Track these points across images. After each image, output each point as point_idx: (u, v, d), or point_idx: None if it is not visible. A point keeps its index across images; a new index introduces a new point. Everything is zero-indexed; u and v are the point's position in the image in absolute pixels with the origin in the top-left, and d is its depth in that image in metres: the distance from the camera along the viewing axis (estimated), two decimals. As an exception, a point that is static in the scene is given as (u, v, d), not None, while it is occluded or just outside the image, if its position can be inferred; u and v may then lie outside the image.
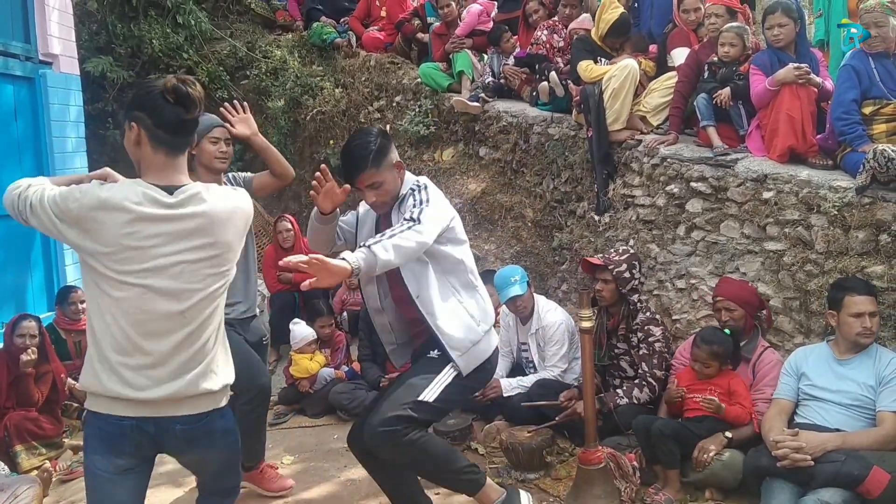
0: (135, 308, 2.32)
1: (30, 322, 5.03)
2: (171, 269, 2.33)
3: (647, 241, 5.13)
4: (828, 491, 3.26)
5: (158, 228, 2.31)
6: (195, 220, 2.36)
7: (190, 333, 2.38)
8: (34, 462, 4.73)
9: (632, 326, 4.58)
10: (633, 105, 5.42)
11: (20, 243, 6.28)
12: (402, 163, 3.30)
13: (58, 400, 5.14)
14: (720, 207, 4.69)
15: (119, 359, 2.32)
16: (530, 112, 6.40)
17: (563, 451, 4.57)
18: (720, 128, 4.90)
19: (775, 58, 4.70)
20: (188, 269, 2.36)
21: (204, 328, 2.42)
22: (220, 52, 8.84)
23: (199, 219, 2.37)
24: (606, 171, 5.48)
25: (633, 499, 3.93)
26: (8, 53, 6.15)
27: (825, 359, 3.72)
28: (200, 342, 2.41)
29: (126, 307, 2.32)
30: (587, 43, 5.69)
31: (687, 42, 5.53)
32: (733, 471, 3.79)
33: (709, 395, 4.00)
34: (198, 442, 2.45)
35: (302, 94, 8.25)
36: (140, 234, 2.29)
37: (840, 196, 4.10)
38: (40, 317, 5.40)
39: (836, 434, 3.47)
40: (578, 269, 5.68)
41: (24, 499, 3.91)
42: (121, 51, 8.43)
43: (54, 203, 2.29)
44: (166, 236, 2.32)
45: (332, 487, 4.27)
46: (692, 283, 4.83)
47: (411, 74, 7.74)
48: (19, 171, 6.27)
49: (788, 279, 4.30)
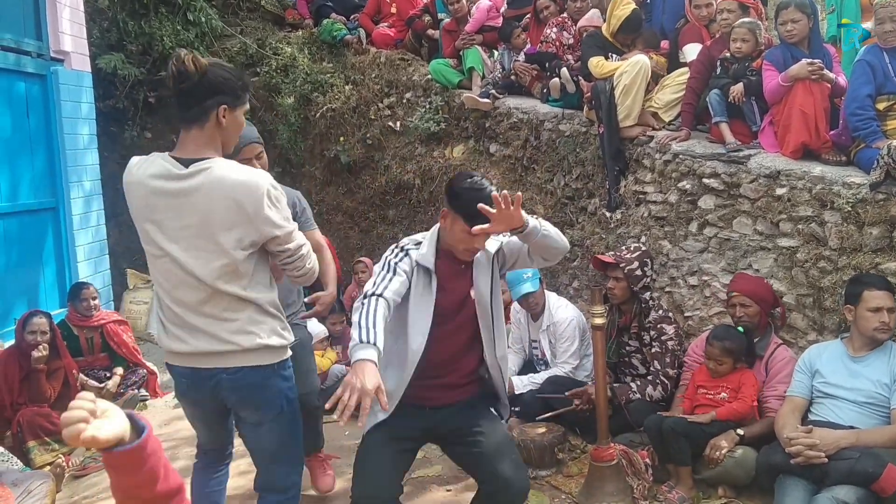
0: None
1: (40, 318, 5.05)
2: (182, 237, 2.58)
3: (659, 237, 5.11)
4: (842, 488, 3.24)
5: (167, 201, 2.55)
6: (200, 189, 2.53)
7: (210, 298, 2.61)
8: (47, 458, 4.75)
9: (644, 324, 4.56)
10: (644, 101, 5.40)
11: (32, 240, 6.31)
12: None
13: (70, 396, 5.14)
14: (733, 204, 4.67)
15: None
16: (541, 108, 6.38)
17: (574, 448, 4.56)
18: (733, 124, 4.88)
19: (788, 53, 4.68)
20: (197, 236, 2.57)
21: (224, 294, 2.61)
22: (230, 49, 8.84)
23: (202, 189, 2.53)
24: (618, 168, 5.47)
25: (646, 496, 3.92)
26: (20, 50, 6.18)
27: (839, 356, 3.70)
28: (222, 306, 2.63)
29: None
30: (598, 39, 5.68)
31: (699, 38, 5.51)
32: (746, 468, 3.78)
33: (721, 392, 4.00)
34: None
35: (312, 91, 8.25)
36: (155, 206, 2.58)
37: (854, 192, 4.08)
38: (52, 313, 5.42)
39: (851, 431, 3.46)
40: (589, 265, 5.67)
41: (38, 494, 3.92)
42: (132, 48, 8.44)
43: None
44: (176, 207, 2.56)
45: (344, 483, 4.27)
46: (704, 279, 4.82)
47: (421, 71, 7.74)
48: (31, 168, 6.30)
49: (802, 276, 4.28)
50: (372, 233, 8.07)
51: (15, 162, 6.11)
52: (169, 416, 5.58)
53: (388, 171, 7.72)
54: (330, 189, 8.39)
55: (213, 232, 2.54)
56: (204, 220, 2.53)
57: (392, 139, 7.78)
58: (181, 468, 4.09)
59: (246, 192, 2.51)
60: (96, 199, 7.04)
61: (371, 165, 7.96)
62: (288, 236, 2.62)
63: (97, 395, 5.70)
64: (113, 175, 8.50)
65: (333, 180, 8.31)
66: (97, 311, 5.76)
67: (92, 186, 6.99)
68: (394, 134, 7.76)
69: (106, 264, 7.15)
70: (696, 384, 4.17)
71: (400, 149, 7.68)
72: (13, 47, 6.10)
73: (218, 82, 2.55)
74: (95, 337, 5.76)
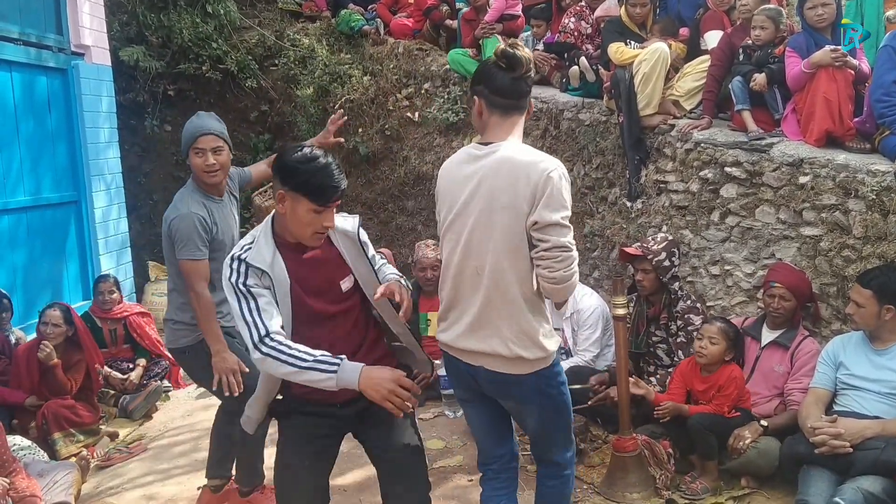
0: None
1: (54, 311, 5.05)
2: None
3: (681, 227, 5.08)
4: (867, 479, 3.22)
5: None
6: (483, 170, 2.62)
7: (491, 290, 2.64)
8: (72, 449, 4.80)
9: (673, 314, 4.53)
10: (665, 89, 5.36)
11: (55, 233, 6.36)
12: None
13: (91, 388, 5.19)
14: (755, 192, 4.62)
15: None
16: (560, 98, 6.35)
17: (596, 439, 4.55)
18: (755, 111, 4.83)
19: (811, 40, 4.62)
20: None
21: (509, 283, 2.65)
22: (248, 41, 8.86)
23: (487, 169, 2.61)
24: (638, 157, 5.43)
25: (668, 486, 3.91)
26: (41, 45, 6.22)
27: (863, 348, 3.67)
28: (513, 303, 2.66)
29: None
30: (618, 25, 5.65)
31: (720, 25, 5.47)
32: (769, 458, 3.76)
33: (711, 393, 3.99)
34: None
35: (330, 83, 8.25)
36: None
37: (878, 180, 4.03)
38: (75, 306, 5.46)
39: (876, 421, 3.43)
40: (610, 255, 5.65)
41: (63, 484, 3.96)
42: (153, 40, 8.48)
43: None
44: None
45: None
46: (727, 269, 4.78)
47: (440, 61, 7.72)
48: (53, 162, 6.34)
49: (825, 265, 4.24)
50: (391, 224, 8.08)
51: (37, 156, 6.16)
52: (191, 407, 5.63)
53: (407, 163, 7.72)
54: (349, 180, 8.30)
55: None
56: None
57: (411, 130, 7.78)
58: (204, 459, 4.13)
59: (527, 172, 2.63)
60: (118, 192, 7.09)
61: (390, 156, 7.96)
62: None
63: (120, 386, 5.76)
64: (133, 168, 8.62)
65: (352, 171, 8.32)
66: (117, 305, 5.80)
67: (113, 180, 7.03)
68: (412, 125, 7.76)
69: (128, 256, 7.21)
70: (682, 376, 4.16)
71: (418, 140, 7.68)
72: (34, 42, 6.13)
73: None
74: (118, 329, 5.80)
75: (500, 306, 2.64)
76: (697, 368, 4.08)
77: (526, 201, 2.54)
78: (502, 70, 2.63)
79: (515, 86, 2.65)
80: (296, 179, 2.48)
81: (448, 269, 2.77)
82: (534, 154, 2.61)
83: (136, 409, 5.47)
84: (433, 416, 5.04)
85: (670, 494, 3.88)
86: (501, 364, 2.67)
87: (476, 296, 2.66)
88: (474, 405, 2.93)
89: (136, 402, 5.48)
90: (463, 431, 4.73)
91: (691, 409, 3.96)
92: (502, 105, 2.66)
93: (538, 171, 2.53)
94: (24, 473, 3.78)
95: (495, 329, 2.65)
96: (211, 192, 3.61)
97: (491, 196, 2.59)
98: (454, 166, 2.77)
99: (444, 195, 2.78)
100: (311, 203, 2.47)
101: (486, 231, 2.61)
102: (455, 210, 2.70)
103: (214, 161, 3.47)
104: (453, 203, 2.71)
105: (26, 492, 3.66)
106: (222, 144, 3.51)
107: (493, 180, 2.59)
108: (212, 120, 3.57)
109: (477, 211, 2.63)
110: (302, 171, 2.47)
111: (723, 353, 4.00)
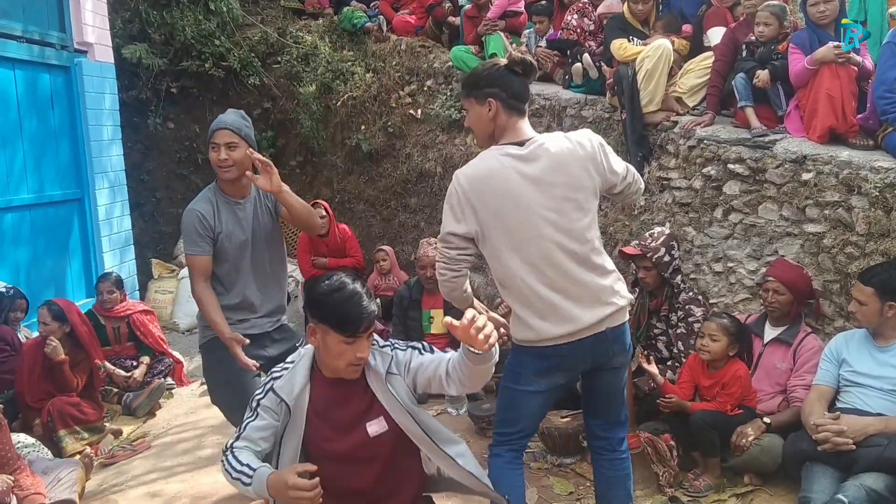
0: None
1: (43, 308, 5.03)
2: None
3: (684, 224, 5.07)
4: (870, 476, 3.21)
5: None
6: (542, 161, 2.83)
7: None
8: (77, 446, 4.80)
9: (674, 306, 4.54)
10: (668, 86, 5.36)
11: (58, 231, 6.38)
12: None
13: (94, 385, 5.19)
14: (758, 189, 4.62)
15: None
16: (563, 94, 6.34)
17: (599, 436, 4.54)
18: (758, 108, 4.82)
19: (815, 37, 4.61)
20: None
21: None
22: (251, 38, 8.87)
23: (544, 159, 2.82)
24: (641, 154, 5.42)
25: (671, 483, 3.91)
26: (44, 42, 6.23)
27: (865, 345, 3.66)
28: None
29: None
30: (620, 22, 5.64)
31: (723, 21, 5.46)
32: (772, 455, 3.75)
33: (715, 390, 3.99)
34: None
35: (333, 80, 8.26)
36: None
37: (882, 177, 4.02)
38: (78, 304, 5.46)
39: (879, 418, 3.42)
40: (613, 253, 5.64)
41: (67, 482, 3.96)
42: (155, 37, 8.48)
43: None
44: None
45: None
46: (730, 266, 4.78)
47: (442, 58, 7.71)
48: (56, 160, 6.35)
49: (828, 262, 4.23)
50: (394, 221, 8.08)
51: (40, 154, 6.17)
52: (195, 405, 5.64)
53: (410, 160, 7.72)
54: (351, 178, 8.40)
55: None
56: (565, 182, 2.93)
57: (413, 127, 7.77)
58: (208, 456, 4.15)
59: (584, 157, 2.91)
60: (121, 189, 7.10)
61: (392, 154, 7.96)
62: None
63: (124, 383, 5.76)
64: (136, 165, 8.63)
65: (355, 169, 8.32)
66: (118, 304, 5.80)
67: (116, 177, 7.05)
68: (415, 122, 7.76)
69: (131, 254, 7.22)
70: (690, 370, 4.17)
71: (421, 137, 7.68)
72: (37, 39, 6.15)
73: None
74: (122, 327, 5.81)
75: (595, 271, 2.89)
76: (704, 364, 4.09)
77: (595, 169, 2.89)
78: (518, 75, 2.88)
79: (527, 89, 2.94)
80: (322, 311, 2.41)
81: (538, 268, 2.84)
82: (567, 134, 2.94)
83: (140, 406, 5.49)
84: (436, 413, 5.04)
85: (673, 491, 3.88)
86: (619, 315, 2.93)
87: (577, 273, 2.85)
88: (544, 396, 3.00)
89: (139, 399, 5.50)
90: (465, 429, 4.73)
91: (694, 405, 3.96)
92: (519, 107, 2.91)
93: (585, 138, 2.92)
94: (28, 471, 3.79)
95: (602, 290, 2.89)
96: (229, 192, 3.54)
97: (569, 180, 2.84)
98: (503, 170, 2.83)
99: (503, 199, 2.81)
100: (339, 334, 2.38)
101: (574, 213, 2.85)
102: (529, 209, 2.82)
103: (227, 156, 3.40)
104: (520, 202, 2.81)
105: (31, 489, 3.66)
106: (237, 140, 3.42)
107: (560, 167, 2.83)
108: (231, 115, 3.52)
109: (560, 198, 2.83)
110: (326, 302, 2.40)
111: (725, 348, 4.00)
